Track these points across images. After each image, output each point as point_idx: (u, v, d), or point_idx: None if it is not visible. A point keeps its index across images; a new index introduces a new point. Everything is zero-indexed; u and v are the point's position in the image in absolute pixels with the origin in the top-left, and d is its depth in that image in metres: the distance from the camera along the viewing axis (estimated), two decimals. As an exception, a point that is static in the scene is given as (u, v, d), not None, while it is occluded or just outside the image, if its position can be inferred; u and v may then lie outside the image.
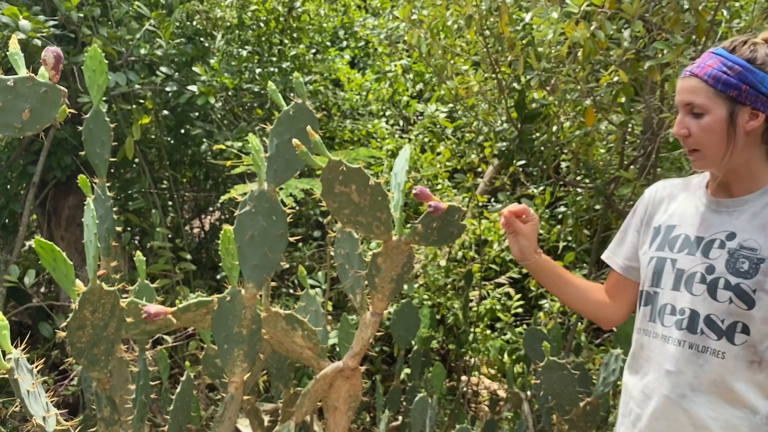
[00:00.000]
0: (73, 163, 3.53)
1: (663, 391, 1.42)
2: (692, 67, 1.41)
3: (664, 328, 1.45)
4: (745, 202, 1.42)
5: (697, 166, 1.44)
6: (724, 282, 1.36)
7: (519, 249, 1.65)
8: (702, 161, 1.42)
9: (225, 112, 4.37)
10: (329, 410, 1.83)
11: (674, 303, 1.44)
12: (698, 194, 1.52)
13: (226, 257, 1.62)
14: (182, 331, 3.29)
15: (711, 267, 1.39)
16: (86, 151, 1.86)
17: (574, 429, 2.20)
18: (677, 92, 1.43)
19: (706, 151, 1.40)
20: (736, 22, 2.38)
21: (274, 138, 1.58)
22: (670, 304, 1.45)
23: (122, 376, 2.01)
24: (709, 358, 1.37)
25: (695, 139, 1.40)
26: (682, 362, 1.40)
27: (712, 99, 1.37)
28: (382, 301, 1.66)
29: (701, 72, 1.38)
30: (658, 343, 1.46)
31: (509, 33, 2.58)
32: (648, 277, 1.51)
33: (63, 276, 1.41)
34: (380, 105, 4.78)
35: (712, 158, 1.40)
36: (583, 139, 2.96)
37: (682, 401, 1.39)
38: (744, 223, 1.40)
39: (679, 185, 1.60)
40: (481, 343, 3.64)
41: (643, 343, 1.51)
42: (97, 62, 1.79)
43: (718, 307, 1.37)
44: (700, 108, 1.38)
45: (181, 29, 4.13)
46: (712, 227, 1.44)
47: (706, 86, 1.37)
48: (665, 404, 1.42)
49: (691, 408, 1.38)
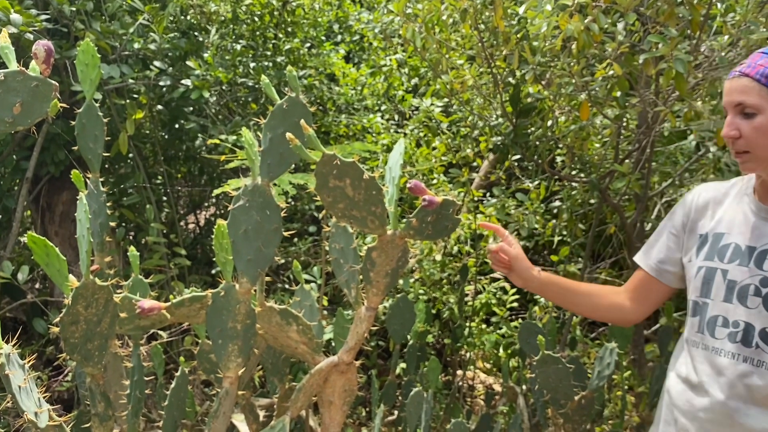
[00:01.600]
0: (67, 159, 3.52)
1: (714, 404, 1.39)
2: (741, 68, 1.37)
3: (715, 341, 1.42)
4: None
5: (746, 169, 1.40)
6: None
7: (518, 276, 1.66)
8: (753, 163, 1.38)
9: (219, 107, 4.36)
10: (324, 405, 1.83)
11: (726, 315, 1.40)
12: (745, 200, 1.48)
13: (219, 252, 1.61)
14: (177, 327, 3.29)
15: (765, 279, 1.36)
16: (79, 146, 1.85)
17: (569, 423, 2.20)
18: (725, 93, 1.39)
19: (757, 152, 1.35)
20: (731, 15, 2.38)
21: (268, 132, 1.58)
22: (721, 316, 1.41)
23: (116, 372, 2.00)
24: (765, 373, 1.34)
25: (746, 140, 1.35)
26: (736, 376, 1.37)
27: (765, 98, 1.33)
28: (377, 295, 1.65)
29: (753, 71, 1.34)
30: (708, 354, 1.43)
31: (504, 27, 2.58)
32: (697, 287, 1.47)
33: (56, 271, 1.40)
34: (375, 100, 4.77)
35: (765, 160, 1.36)
36: (578, 133, 2.96)
37: (735, 414, 1.36)
38: None
39: (723, 189, 1.54)
40: (477, 337, 3.64)
41: (691, 353, 1.48)
42: (89, 56, 1.78)
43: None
44: (753, 108, 1.34)
45: (175, 23, 4.11)
46: (764, 236, 1.40)
47: (759, 85, 1.33)
48: (717, 417, 1.39)
49: (744, 421, 1.36)
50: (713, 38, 2.47)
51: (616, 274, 3.64)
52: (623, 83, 2.35)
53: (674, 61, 2.02)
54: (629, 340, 2.45)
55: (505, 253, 1.66)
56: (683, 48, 2.17)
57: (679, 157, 3.22)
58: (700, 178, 2.97)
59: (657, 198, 3.24)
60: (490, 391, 2.98)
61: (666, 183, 3.02)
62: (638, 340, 3.02)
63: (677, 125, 2.65)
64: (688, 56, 2.04)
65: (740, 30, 2.19)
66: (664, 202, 3.30)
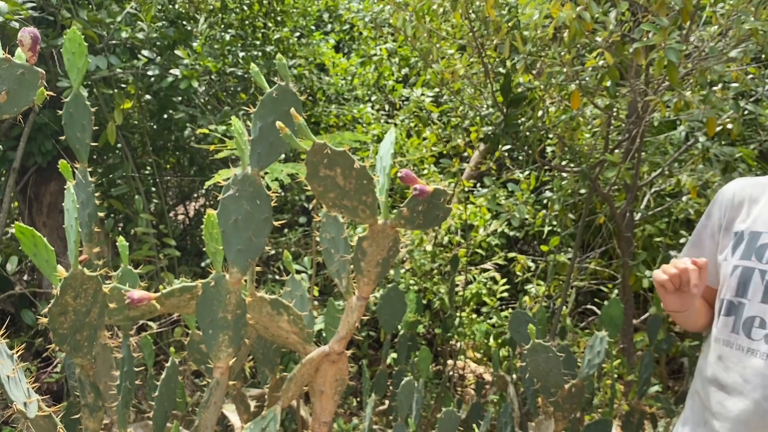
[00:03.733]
0: (54, 149, 3.48)
1: (749, 405, 1.37)
2: None
3: (750, 341, 1.39)
4: None
5: None
6: None
7: (685, 301, 1.48)
8: None
9: (208, 97, 4.33)
10: (316, 395, 1.83)
11: (764, 316, 1.37)
12: None
13: (209, 242, 1.60)
14: (167, 318, 3.28)
15: None
16: (67, 135, 1.83)
17: (560, 411, 2.21)
18: None
19: None
20: (720, 5, 2.38)
21: (258, 121, 1.56)
22: (759, 317, 1.38)
23: (106, 363, 1.99)
24: None
25: None
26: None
27: None
28: (368, 285, 1.65)
29: None
30: (742, 355, 1.40)
31: (495, 16, 2.57)
32: (732, 287, 1.43)
33: (44, 262, 1.39)
34: (365, 89, 4.76)
35: None
36: (569, 123, 2.96)
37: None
38: None
39: (759, 186, 1.50)
40: (467, 327, 3.65)
41: (722, 353, 1.44)
42: (76, 45, 1.75)
43: None
44: None
45: (163, 12, 4.07)
46: None
47: None
48: (752, 418, 1.37)
49: None
50: (703, 28, 2.48)
51: (605, 264, 3.66)
52: (614, 73, 2.35)
53: (667, 51, 2.02)
54: (619, 329, 2.46)
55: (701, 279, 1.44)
56: (674, 38, 2.17)
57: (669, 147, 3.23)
58: (690, 168, 2.98)
59: (646, 188, 3.26)
60: (481, 381, 3.00)
61: (655, 173, 3.03)
62: (627, 329, 3.04)
63: (667, 115, 2.65)
64: (681, 45, 2.04)
65: (730, 20, 2.19)
66: (653, 191, 3.32)
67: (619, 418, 3.15)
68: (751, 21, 2.09)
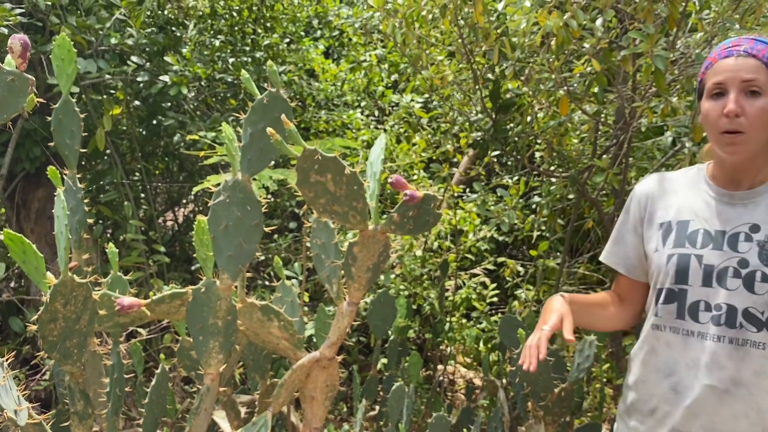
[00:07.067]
0: (43, 155, 3.47)
1: (702, 387, 1.41)
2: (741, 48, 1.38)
3: (699, 325, 1.43)
4: (758, 193, 1.43)
5: (732, 152, 1.39)
6: (761, 275, 1.36)
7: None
8: (744, 145, 1.38)
9: (198, 103, 4.33)
10: (306, 400, 1.83)
11: (708, 299, 1.42)
12: (702, 187, 1.51)
13: (200, 248, 1.60)
14: (156, 324, 3.26)
15: (744, 261, 1.39)
16: (55, 141, 1.82)
17: (549, 415, 2.22)
18: (728, 70, 1.38)
19: (752, 133, 1.37)
20: (706, 13, 2.41)
21: (248, 127, 1.57)
22: (703, 300, 1.43)
23: (96, 370, 1.98)
24: (750, 350, 1.37)
25: (748, 119, 1.36)
26: (723, 357, 1.39)
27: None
28: (358, 290, 1.65)
29: (760, 54, 1.36)
30: (692, 340, 1.44)
31: (484, 23, 2.59)
32: (670, 275, 1.48)
33: (33, 268, 1.38)
34: (355, 95, 4.77)
35: (754, 142, 1.38)
36: (557, 129, 2.98)
37: (725, 396, 1.39)
38: (764, 214, 1.41)
39: (674, 179, 1.58)
40: (457, 332, 3.66)
41: (670, 340, 1.48)
42: (65, 51, 1.75)
43: (756, 299, 1.37)
44: (760, 87, 1.35)
45: (153, 18, 4.07)
46: (731, 220, 1.43)
47: (765, 68, 1.36)
48: (706, 399, 1.41)
49: (733, 401, 1.39)
50: (689, 35, 2.50)
51: (594, 269, 3.68)
52: (601, 79, 2.38)
53: (654, 58, 2.04)
54: (608, 333, 2.48)
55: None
56: (661, 45, 2.20)
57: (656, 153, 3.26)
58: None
59: (634, 193, 3.27)
60: (471, 385, 3.00)
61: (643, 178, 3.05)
62: (616, 333, 3.06)
63: (654, 121, 2.68)
64: (668, 53, 2.07)
65: (715, 27, 2.22)
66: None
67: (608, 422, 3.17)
68: (736, 28, 2.12)
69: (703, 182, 1.52)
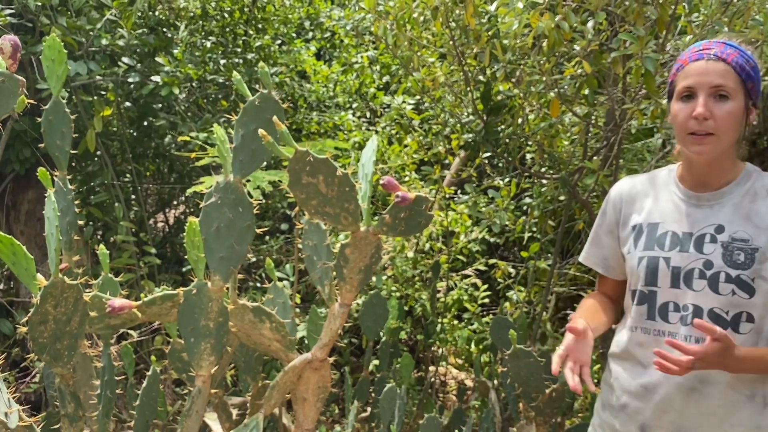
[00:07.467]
0: (33, 156, 3.45)
1: (671, 385, 1.44)
2: (710, 52, 1.41)
3: (669, 325, 1.47)
4: (723, 194, 1.46)
5: (702, 152, 1.41)
6: (725, 275, 1.40)
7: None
8: (713, 146, 1.40)
9: (189, 104, 4.31)
10: (298, 402, 1.83)
11: (676, 300, 1.46)
12: (672, 189, 1.54)
13: (191, 250, 1.60)
14: (147, 326, 3.25)
15: (709, 262, 1.42)
16: (46, 143, 1.82)
17: (541, 416, 2.23)
18: (699, 73, 1.41)
19: (721, 136, 1.39)
20: (695, 15, 2.43)
21: (240, 129, 1.57)
22: (672, 301, 1.47)
23: (86, 372, 1.97)
24: None
25: (716, 122, 1.38)
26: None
27: (738, 86, 1.39)
28: (350, 292, 1.66)
29: (729, 58, 1.39)
30: (663, 340, 1.47)
31: (475, 25, 2.60)
32: (641, 277, 1.51)
33: (23, 270, 1.37)
34: (347, 97, 4.77)
35: (722, 145, 1.40)
36: (548, 130, 2.99)
37: (693, 393, 1.43)
38: (729, 215, 1.44)
39: (646, 181, 1.61)
40: (449, 333, 3.67)
41: (642, 340, 1.52)
42: (56, 52, 1.74)
43: (721, 300, 1.40)
44: (729, 92, 1.38)
45: (144, 19, 4.06)
46: (698, 222, 1.46)
47: (734, 73, 1.38)
48: (674, 397, 1.44)
49: (700, 398, 1.42)
50: (678, 38, 2.52)
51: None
52: (592, 81, 2.39)
53: (644, 60, 2.06)
54: (598, 334, 2.49)
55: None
56: (650, 47, 2.21)
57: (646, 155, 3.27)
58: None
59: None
60: (463, 387, 3.01)
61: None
62: (606, 333, 3.07)
63: (644, 123, 2.70)
64: (657, 55, 2.08)
65: (704, 30, 2.24)
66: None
67: (599, 423, 3.18)
68: (725, 31, 2.13)
69: (672, 184, 1.55)
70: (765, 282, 1.38)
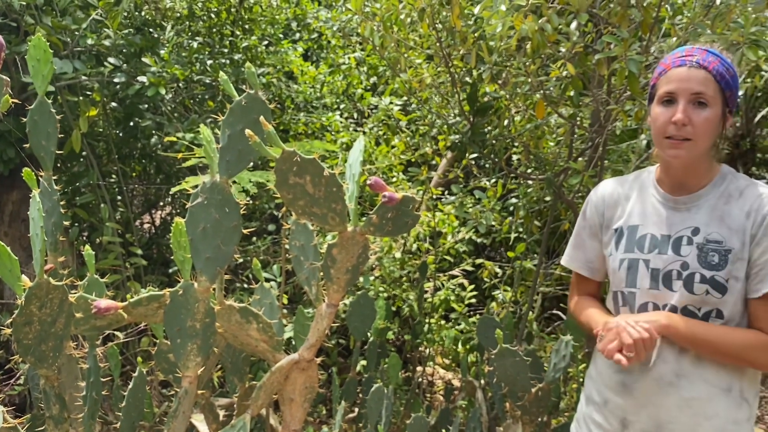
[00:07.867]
0: (17, 157, 3.42)
1: (648, 380, 1.49)
2: (693, 59, 1.44)
3: None
4: (699, 197, 1.50)
5: (678, 155, 1.45)
6: (699, 276, 1.44)
7: None
8: (689, 151, 1.44)
9: (175, 104, 4.30)
10: (285, 403, 1.83)
11: (655, 301, 1.50)
12: (651, 192, 1.58)
13: (178, 250, 1.59)
14: (134, 327, 3.23)
15: (685, 263, 1.46)
16: (31, 143, 1.80)
17: (527, 415, 2.25)
18: (680, 80, 1.44)
19: (699, 142, 1.43)
20: (679, 18, 2.45)
21: (227, 129, 1.57)
22: (651, 302, 1.51)
23: (72, 374, 1.96)
24: None
25: (695, 129, 1.42)
26: (666, 352, 1.48)
27: (716, 94, 1.43)
28: (337, 292, 1.66)
29: (710, 66, 1.43)
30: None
31: (461, 26, 2.61)
32: (622, 279, 1.56)
33: (7, 271, 1.37)
34: (334, 98, 4.77)
35: (698, 150, 1.44)
36: (534, 132, 3.01)
37: (669, 388, 1.47)
38: (704, 217, 1.48)
39: (627, 184, 1.65)
40: (436, 333, 3.68)
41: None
42: (41, 51, 1.73)
43: (694, 298, 1.45)
44: (708, 100, 1.42)
45: (130, 19, 4.04)
46: (676, 225, 1.51)
47: (714, 81, 1.42)
48: (651, 391, 1.49)
49: (675, 392, 1.47)
50: (662, 40, 2.55)
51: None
52: (577, 83, 2.41)
53: (628, 62, 2.08)
54: (584, 333, 2.51)
55: None
56: (635, 49, 2.23)
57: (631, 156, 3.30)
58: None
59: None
60: (450, 386, 3.02)
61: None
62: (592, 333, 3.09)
63: (629, 124, 2.72)
64: (641, 57, 2.11)
65: (688, 32, 2.26)
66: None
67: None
68: (708, 34, 2.16)
69: (651, 186, 1.59)
70: (737, 282, 1.43)
